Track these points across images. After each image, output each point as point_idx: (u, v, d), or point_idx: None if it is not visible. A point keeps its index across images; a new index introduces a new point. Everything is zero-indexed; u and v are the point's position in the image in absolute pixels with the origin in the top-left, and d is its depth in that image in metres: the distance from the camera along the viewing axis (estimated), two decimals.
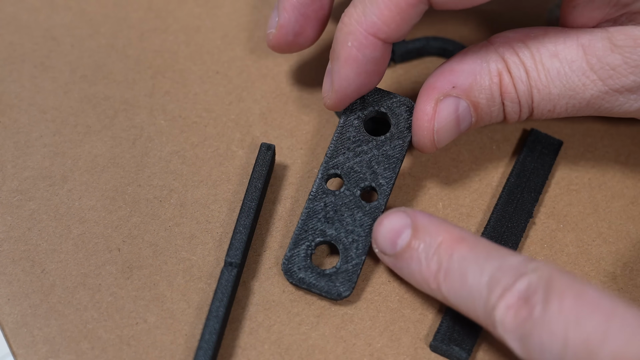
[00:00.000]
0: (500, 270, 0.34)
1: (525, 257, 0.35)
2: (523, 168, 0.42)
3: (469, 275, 0.35)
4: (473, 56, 0.39)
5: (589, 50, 0.38)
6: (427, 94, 0.38)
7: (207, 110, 0.44)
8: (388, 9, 0.36)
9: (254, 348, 0.38)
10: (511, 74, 0.38)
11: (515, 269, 0.34)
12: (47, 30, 0.46)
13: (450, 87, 0.38)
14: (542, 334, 0.32)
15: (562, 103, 0.38)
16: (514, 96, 0.38)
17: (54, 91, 0.44)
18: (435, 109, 0.38)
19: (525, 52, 0.38)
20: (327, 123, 0.44)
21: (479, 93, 0.38)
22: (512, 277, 0.34)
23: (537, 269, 0.34)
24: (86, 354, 0.38)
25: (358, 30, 0.37)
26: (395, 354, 0.39)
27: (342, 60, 0.38)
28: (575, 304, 0.32)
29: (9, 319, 0.38)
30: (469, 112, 0.39)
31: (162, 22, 0.47)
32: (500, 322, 0.34)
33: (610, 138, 0.44)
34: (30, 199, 0.41)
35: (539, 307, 0.33)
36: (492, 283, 0.34)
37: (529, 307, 0.33)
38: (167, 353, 0.38)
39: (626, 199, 0.43)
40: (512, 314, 0.33)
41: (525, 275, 0.34)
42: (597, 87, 0.38)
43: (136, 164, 0.42)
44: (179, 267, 0.40)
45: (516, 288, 0.33)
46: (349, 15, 0.37)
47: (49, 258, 0.40)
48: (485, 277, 0.34)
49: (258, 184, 0.40)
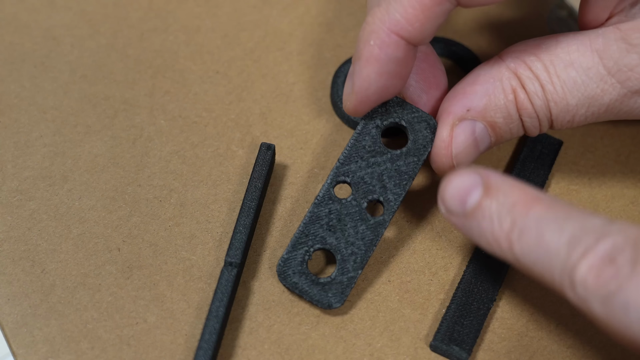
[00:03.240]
0: (582, 229, 0.33)
1: (608, 218, 0.33)
2: (523, 168, 0.42)
3: (546, 233, 0.33)
4: (485, 75, 0.38)
5: (604, 54, 0.37)
6: (442, 120, 0.38)
7: (207, 110, 0.44)
8: (412, 7, 0.36)
9: (254, 348, 0.38)
10: (526, 89, 0.38)
11: (598, 229, 0.32)
12: (47, 30, 0.46)
13: (465, 110, 0.38)
14: (630, 293, 0.31)
15: (581, 112, 0.38)
16: (532, 112, 0.38)
17: (54, 91, 0.44)
18: (451, 135, 0.38)
19: (538, 65, 0.38)
20: (327, 123, 0.44)
21: (495, 113, 0.38)
22: (595, 237, 0.32)
23: (622, 229, 0.32)
24: (86, 354, 0.38)
25: (381, 29, 0.36)
26: (395, 354, 0.39)
27: (363, 59, 0.37)
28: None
29: (9, 319, 0.38)
30: (486, 133, 0.38)
31: (162, 22, 0.47)
32: (581, 282, 0.32)
33: (610, 138, 0.44)
34: (30, 199, 0.41)
35: (627, 267, 0.31)
36: (572, 242, 0.32)
37: (614, 267, 0.31)
38: (167, 353, 0.38)
39: (626, 199, 0.43)
40: (596, 274, 0.32)
41: (610, 235, 0.32)
42: (616, 90, 0.37)
43: (136, 164, 0.43)
44: (179, 267, 0.40)
45: (600, 248, 0.32)
46: (373, 14, 0.37)
47: (49, 258, 0.40)
48: (565, 235, 0.33)
49: (258, 184, 0.40)
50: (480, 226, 0.35)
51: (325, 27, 0.47)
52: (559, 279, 0.33)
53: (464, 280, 0.40)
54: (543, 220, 0.34)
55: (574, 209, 0.34)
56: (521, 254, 0.34)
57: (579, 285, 0.32)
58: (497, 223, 0.35)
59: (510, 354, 0.39)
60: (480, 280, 0.40)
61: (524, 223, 0.34)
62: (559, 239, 0.33)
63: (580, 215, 0.34)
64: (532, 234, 0.34)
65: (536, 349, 0.39)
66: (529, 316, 0.40)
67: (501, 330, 0.39)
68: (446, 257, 0.41)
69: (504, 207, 0.35)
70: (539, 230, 0.34)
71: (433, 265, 0.41)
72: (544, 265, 0.33)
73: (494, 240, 0.35)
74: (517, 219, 0.34)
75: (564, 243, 0.33)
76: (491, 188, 0.35)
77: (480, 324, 0.39)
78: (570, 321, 0.39)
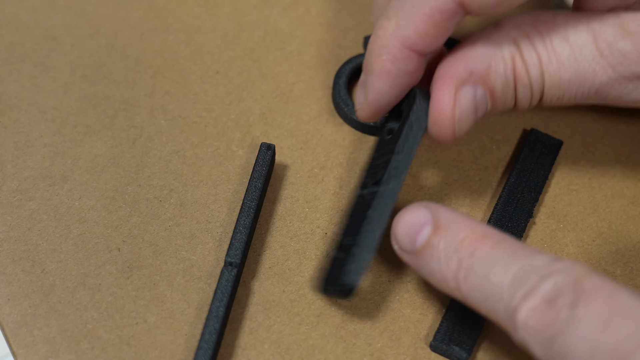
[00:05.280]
0: (525, 270, 0.32)
1: (553, 256, 0.33)
2: (523, 168, 0.42)
3: (490, 274, 0.33)
4: (486, 41, 0.37)
5: (599, 35, 0.37)
6: (444, 82, 0.37)
7: (207, 110, 0.44)
8: (423, 22, 0.36)
9: (254, 348, 0.38)
10: (524, 58, 0.37)
11: (540, 269, 0.32)
12: (47, 30, 0.46)
13: (468, 74, 0.37)
14: (568, 338, 0.31)
15: (572, 89, 0.37)
16: (526, 81, 0.37)
17: (54, 91, 0.44)
18: (455, 98, 0.37)
19: (536, 36, 0.37)
20: (327, 123, 0.44)
21: (495, 79, 0.37)
22: (537, 278, 0.32)
23: (564, 269, 0.32)
24: (86, 354, 0.38)
25: (392, 44, 0.36)
26: (395, 354, 0.39)
27: (375, 73, 0.37)
28: (606, 307, 0.30)
29: (9, 319, 0.38)
30: (485, 99, 0.37)
31: (162, 22, 0.47)
32: (522, 325, 0.32)
33: (610, 138, 0.44)
34: (30, 199, 0.41)
35: (566, 310, 0.31)
36: (515, 283, 0.32)
37: (554, 310, 0.31)
38: (167, 353, 0.38)
39: (626, 199, 0.43)
40: (536, 317, 0.31)
41: (552, 275, 0.32)
42: (607, 73, 0.37)
43: (136, 164, 0.43)
44: (179, 267, 0.40)
45: (541, 289, 0.31)
46: (383, 28, 0.37)
47: (49, 258, 0.40)
48: (508, 276, 0.32)
49: (258, 184, 0.40)
50: (429, 265, 0.35)
51: (325, 27, 0.47)
52: (502, 320, 0.33)
53: None
54: (488, 260, 0.34)
55: (521, 247, 0.34)
56: (468, 293, 0.34)
57: (520, 327, 0.32)
58: (444, 262, 0.35)
59: (510, 354, 0.39)
60: None
61: (469, 263, 0.34)
62: (502, 280, 0.33)
63: (524, 253, 0.33)
64: (477, 274, 0.34)
65: None
66: None
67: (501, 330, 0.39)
68: None
69: (452, 245, 0.35)
70: (484, 270, 0.33)
71: None
72: (489, 306, 0.33)
73: (443, 279, 0.35)
74: (464, 258, 0.34)
75: (507, 284, 0.33)
76: (440, 226, 0.35)
77: (480, 324, 0.39)
78: None
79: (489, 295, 0.33)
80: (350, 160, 0.43)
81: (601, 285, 0.31)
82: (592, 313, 0.30)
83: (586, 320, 0.30)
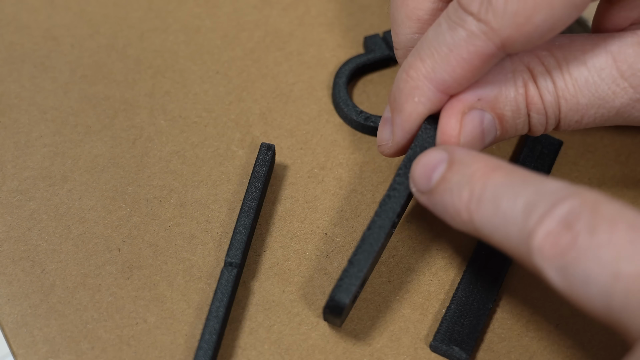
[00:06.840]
0: (538, 194, 0.31)
1: (566, 182, 0.32)
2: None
3: (502, 200, 0.32)
4: (498, 66, 0.37)
5: (619, 57, 0.36)
6: (452, 107, 0.37)
7: (207, 110, 0.44)
8: (461, 67, 0.35)
9: (254, 348, 0.39)
10: (537, 84, 0.37)
11: (555, 193, 0.31)
12: (47, 30, 0.46)
13: (476, 99, 0.36)
14: (588, 265, 0.30)
15: (591, 113, 0.37)
16: (540, 107, 0.37)
17: (54, 91, 0.44)
18: (461, 123, 0.37)
19: (551, 60, 0.37)
20: (327, 123, 0.44)
21: (505, 105, 0.37)
22: (551, 202, 0.31)
23: (579, 193, 0.31)
24: (86, 354, 0.38)
25: (426, 86, 0.36)
26: (395, 354, 0.39)
27: (406, 114, 0.37)
28: (628, 235, 0.29)
29: (9, 319, 0.38)
30: (493, 125, 0.37)
31: (162, 22, 0.47)
32: (537, 250, 0.31)
33: (610, 138, 0.44)
34: (30, 199, 0.41)
35: (584, 234, 0.30)
36: (528, 208, 0.31)
37: (572, 233, 0.30)
38: (167, 353, 0.38)
39: (626, 199, 0.43)
40: (552, 241, 0.30)
41: (567, 199, 0.31)
42: (628, 94, 0.36)
43: (136, 164, 0.43)
44: (179, 267, 0.40)
45: (557, 212, 0.31)
46: (416, 69, 0.36)
47: (49, 258, 0.40)
48: (520, 201, 0.32)
49: (258, 184, 0.40)
50: (443, 200, 0.35)
51: (325, 27, 0.47)
52: (516, 247, 0.32)
53: (464, 280, 0.40)
54: (499, 188, 0.33)
55: (532, 175, 0.33)
56: (480, 224, 0.33)
57: (535, 253, 0.31)
58: (456, 195, 0.34)
59: (510, 354, 0.39)
60: (480, 280, 0.40)
61: (481, 192, 0.33)
62: (514, 205, 0.32)
63: (537, 180, 0.33)
64: (489, 202, 0.33)
65: (536, 349, 0.39)
66: (529, 316, 0.40)
67: (501, 330, 0.39)
68: (446, 257, 0.41)
69: (464, 178, 0.34)
70: (495, 198, 0.33)
71: (433, 265, 0.41)
72: (502, 233, 0.32)
73: (456, 212, 0.34)
74: (475, 188, 0.33)
75: (520, 210, 0.32)
76: (454, 162, 0.35)
77: (480, 324, 0.39)
78: (570, 321, 0.39)
79: (501, 223, 0.32)
80: (350, 160, 0.43)
81: (622, 211, 0.30)
82: (614, 240, 0.30)
83: (608, 247, 0.30)
